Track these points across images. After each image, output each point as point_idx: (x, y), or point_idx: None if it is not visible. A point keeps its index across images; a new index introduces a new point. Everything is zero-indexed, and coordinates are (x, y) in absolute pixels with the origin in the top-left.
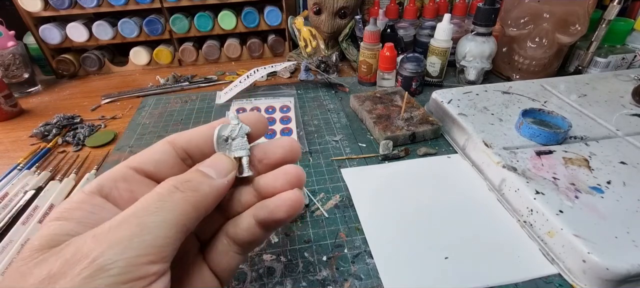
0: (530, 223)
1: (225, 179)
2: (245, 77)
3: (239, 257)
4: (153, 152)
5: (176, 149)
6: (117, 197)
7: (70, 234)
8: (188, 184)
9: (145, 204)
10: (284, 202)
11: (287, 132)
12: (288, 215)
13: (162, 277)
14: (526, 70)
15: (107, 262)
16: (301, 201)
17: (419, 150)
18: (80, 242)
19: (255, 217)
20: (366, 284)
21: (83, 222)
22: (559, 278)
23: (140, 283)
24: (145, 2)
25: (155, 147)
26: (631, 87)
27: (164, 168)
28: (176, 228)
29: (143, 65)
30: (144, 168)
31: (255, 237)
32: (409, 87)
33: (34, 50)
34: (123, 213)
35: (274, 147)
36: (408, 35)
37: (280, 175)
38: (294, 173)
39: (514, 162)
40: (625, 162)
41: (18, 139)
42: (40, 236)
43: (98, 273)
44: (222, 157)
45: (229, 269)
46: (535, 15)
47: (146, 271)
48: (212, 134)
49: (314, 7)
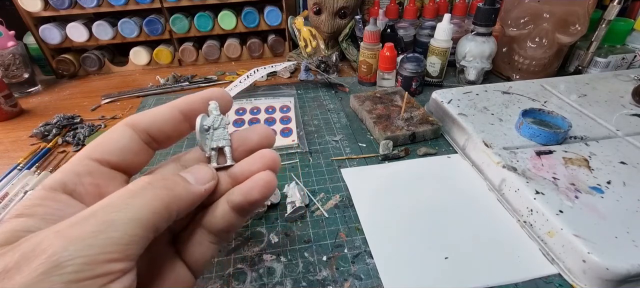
0: (530, 223)
1: (203, 187)
2: (245, 77)
3: (214, 246)
4: (115, 139)
5: (138, 132)
6: (83, 193)
7: (31, 231)
8: (163, 182)
9: (114, 199)
10: (257, 183)
11: (287, 132)
12: (262, 196)
13: (126, 276)
14: (526, 70)
15: (65, 258)
16: (274, 181)
17: (419, 150)
18: (40, 237)
19: (230, 203)
20: (366, 284)
21: (46, 218)
22: (559, 278)
23: (99, 281)
24: (145, 2)
25: (115, 133)
26: (631, 87)
27: (129, 155)
28: (145, 227)
29: (143, 65)
30: (108, 159)
31: (230, 223)
32: (409, 87)
33: (34, 50)
34: (90, 208)
35: (250, 132)
36: (408, 35)
37: (257, 159)
38: (270, 157)
39: (514, 162)
40: (625, 162)
41: (18, 139)
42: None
43: (54, 269)
44: (204, 168)
45: (203, 260)
46: (535, 15)
47: (107, 269)
48: (175, 116)
49: (314, 7)
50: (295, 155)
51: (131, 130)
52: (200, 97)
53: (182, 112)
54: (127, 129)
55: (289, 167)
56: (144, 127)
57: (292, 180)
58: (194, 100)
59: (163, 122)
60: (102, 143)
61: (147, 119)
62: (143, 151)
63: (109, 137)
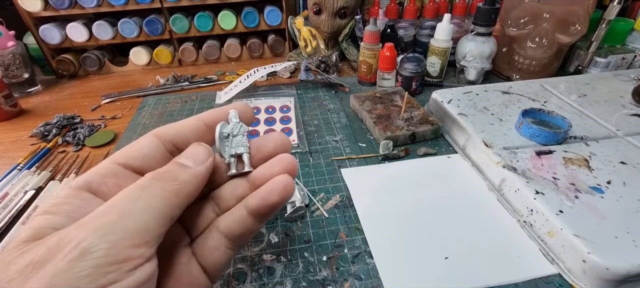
0: (530, 223)
1: (203, 166)
2: (245, 77)
3: (230, 251)
4: (140, 146)
5: (164, 143)
6: (106, 193)
7: (56, 227)
8: (166, 174)
9: (127, 193)
10: (276, 185)
11: (287, 132)
12: (281, 199)
13: (148, 263)
14: (526, 70)
15: (90, 245)
16: (292, 184)
17: (419, 150)
18: (64, 232)
19: (248, 207)
20: (366, 284)
21: (71, 216)
22: (559, 278)
23: (126, 266)
24: (145, 2)
25: (142, 141)
26: (631, 87)
27: (152, 162)
28: (158, 214)
29: (143, 65)
30: (132, 164)
31: (246, 228)
32: (409, 87)
33: (34, 50)
34: (107, 203)
35: (266, 141)
36: (408, 35)
37: (275, 163)
38: (290, 161)
39: (514, 162)
40: (625, 162)
41: (18, 139)
42: (27, 229)
43: (82, 256)
44: (197, 146)
45: (219, 265)
46: (535, 15)
47: (130, 254)
48: (200, 127)
49: (314, 7)
50: (296, 155)
51: (157, 140)
52: (224, 111)
53: (207, 123)
54: (154, 138)
55: None
56: (170, 138)
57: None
58: (218, 112)
59: (188, 132)
60: (129, 149)
61: (173, 131)
62: (166, 159)
63: (136, 145)
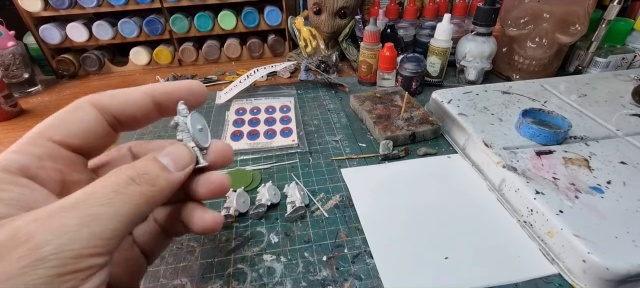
0: (530, 223)
1: (182, 173)
2: (245, 77)
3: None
4: (78, 120)
5: (104, 114)
6: (46, 178)
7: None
8: (145, 177)
9: (98, 193)
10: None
11: (287, 132)
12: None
13: (103, 270)
14: (526, 70)
15: (49, 251)
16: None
17: (419, 150)
18: (17, 223)
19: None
20: (366, 284)
21: (12, 204)
22: (559, 278)
23: (80, 275)
24: (145, 2)
25: (79, 113)
26: (631, 87)
27: (93, 138)
28: (127, 222)
29: (143, 65)
30: (70, 142)
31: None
32: (409, 87)
33: (34, 50)
34: (70, 199)
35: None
36: (408, 35)
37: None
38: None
39: (514, 162)
40: (625, 162)
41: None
42: None
43: (38, 262)
44: (183, 149)
45: (157, 250)
46: (535, 15)
47: (89, 263)
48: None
49: (314, 7)
50: (295, 155)
51: (96, 111)
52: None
53: (156, 101)
54: (92, 108)
55: (289, 167)
56: (113, 112)
57: (292, 180)
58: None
59: (135, 109)
60: (64, 122)
61: (117, 103)
62: (108, 134)
63: (72, 117)
